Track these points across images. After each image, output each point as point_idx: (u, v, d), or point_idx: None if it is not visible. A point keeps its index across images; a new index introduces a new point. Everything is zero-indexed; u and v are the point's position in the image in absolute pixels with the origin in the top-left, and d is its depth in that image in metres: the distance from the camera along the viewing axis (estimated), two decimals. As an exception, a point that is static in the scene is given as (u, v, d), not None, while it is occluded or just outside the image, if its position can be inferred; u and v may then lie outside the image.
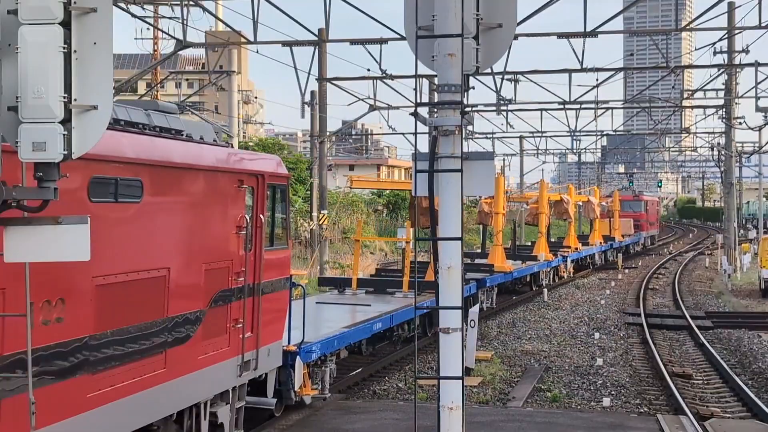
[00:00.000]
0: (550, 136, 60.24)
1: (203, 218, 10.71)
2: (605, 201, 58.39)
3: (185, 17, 24.78)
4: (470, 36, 8.31)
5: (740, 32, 34.59)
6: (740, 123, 47.47)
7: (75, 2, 6.99)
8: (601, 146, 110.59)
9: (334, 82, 35.84)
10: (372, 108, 37.97)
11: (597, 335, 25.39)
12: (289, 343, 13.75)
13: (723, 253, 47.63)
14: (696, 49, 37.14)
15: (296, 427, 14.11)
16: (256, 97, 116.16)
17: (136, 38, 73.33)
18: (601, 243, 50.52)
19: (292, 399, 13.85)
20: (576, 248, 45.53)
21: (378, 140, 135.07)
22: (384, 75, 32.78)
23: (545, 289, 35.54)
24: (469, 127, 9.21)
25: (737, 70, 41.28)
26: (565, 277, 41.94)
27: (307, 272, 34.99)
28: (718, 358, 21.55)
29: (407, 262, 23.82)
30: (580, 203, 52.11)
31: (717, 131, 55.78)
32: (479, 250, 38.53)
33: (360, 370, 18.84)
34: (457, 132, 8.18)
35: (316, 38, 27.44)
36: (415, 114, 8.71)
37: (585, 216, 53.50)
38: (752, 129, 47.58)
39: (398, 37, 24.04)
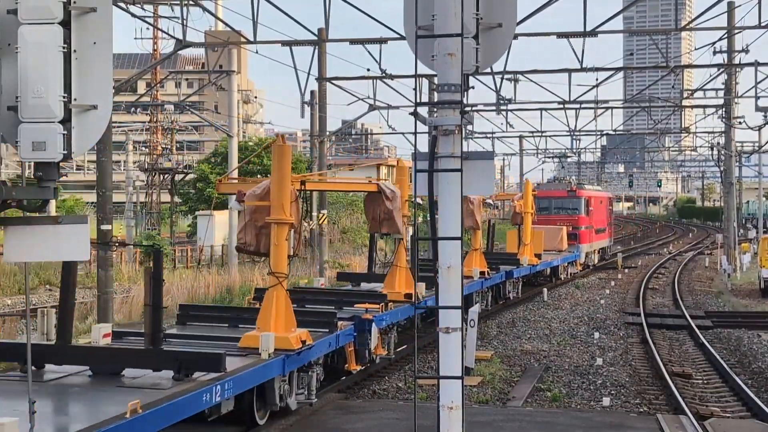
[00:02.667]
0: (549, 136, 60.27)
1: None
2: (513, 198, 38.26)
3: (185, 17, 24.78)
4: (470, 36, 8.32)
5: (740, 32, 34.62)
6: (740, 123, 47.46)
7: (75, 2, 6.99)
8: (601, 146, 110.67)
9: (333, 81, 35.85)
10: (372, 108, 37.98)
11: (597, 335, 25.39)
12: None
13: (723, 252, 47.63)
14: (696, 49, 37.17)
15: (296, 427, 14.10)
16: (255, 97, 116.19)
17: (135, 38, 73.51)
18: (486, 272, 27.85)
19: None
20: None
21: (378, 140, 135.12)
22: (384, 75, 32.79)
23: (545, 289, 35.55)
24: (469, 127, 9.21)
25: (737, 69, 41.26)
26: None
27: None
28: (718, 357, 21.55)
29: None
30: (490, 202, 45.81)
31: (717, 131, 55.76)
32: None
33: (360, 369, 18.83)
34: (456, 132, 8.19)
35: (315, 38, 27.44)
36: (414, 114, 8.71)
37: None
38: (752, 129, 47.60)
39: (398, 36, 24.03)
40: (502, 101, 36.47)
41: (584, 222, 46.17)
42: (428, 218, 8.67)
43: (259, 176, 57.23)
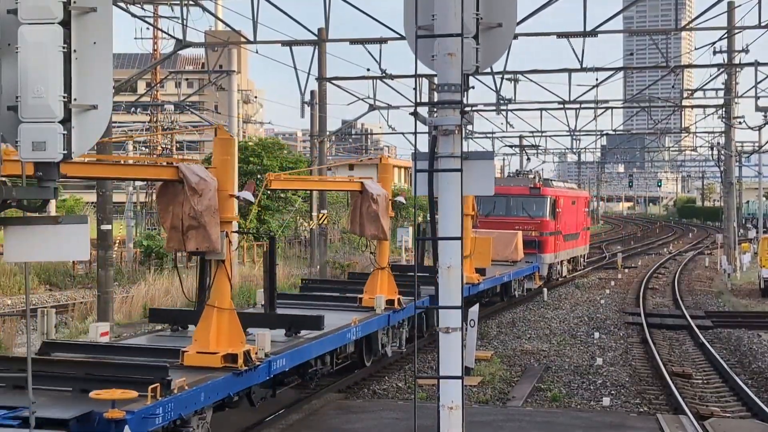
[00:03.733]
0: (549, 136, 60.24)
1: None
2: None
3: (185, 17, 24.77)
4: (470, 35, 8.32)
5: (740, 32, 34.62)
6: (740, 122, 47.47)
7: (75, 2, 6.99)
8: (601, 146, 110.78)
9: (333, 81, 35.84)
10: (372, 108, 37.96)
11: (597, 335, 25.39)
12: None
13: (723, 252, 47.63)
14: (696, 49, 37.15)
15: (296, 426, 14.11)
16: (255, 97, 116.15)
17: (135, 38, 73.52)
18: (397, 301, 19.70)
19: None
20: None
21: (378, 140, 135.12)
22: (384, 75, 32.78)
23: (545, 289, 35.54)
24: (469, 127, 9.22)
25: (737, 69, 41.26)
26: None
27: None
28: (718, 357, 21.55)
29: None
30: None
31: (717, 131, 55.77)
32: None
33: (360, 369, 18.85)
34: (456, 131, 8.19)
35: (315, 38, 27.44)
36: (414, 114, 8.71)
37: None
38: (752, 128, 47.58)
39: (398, 36, 24.03)
40: (502, 101, 36.46)
41: (549, 227, 36.84)
42: (428, 218, 8.67)
43: (259, 176, 57.35)
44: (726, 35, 36.34)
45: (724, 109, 47.23)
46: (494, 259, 30.33)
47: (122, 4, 23.83)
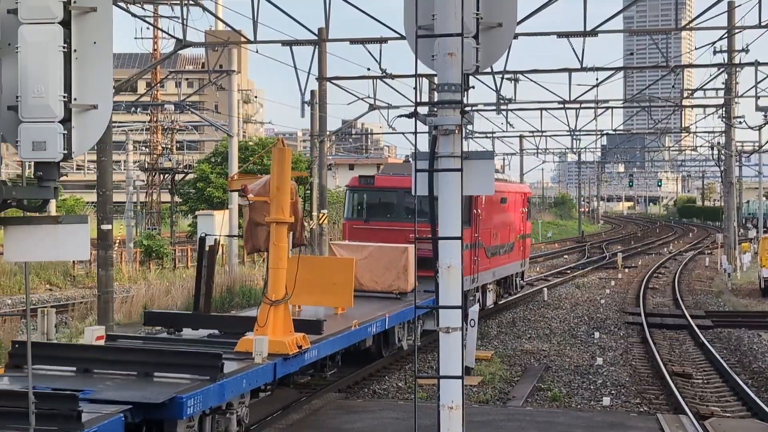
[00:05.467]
0: (550, 136, 60.29)
1: None
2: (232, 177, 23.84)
3: (185, 17, 24.78)
4: (470, 35, 8.32)
5: (740, 31, 34.60)
6: (740, 122, 47.48)
7: (75, 2, 6.99)
8: (601, 145, 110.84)
9: (334, 81, 35.85)
10: (372, 107, 37.97)
11: (597, 334, 25.39)
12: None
13: (723, 252, 47.62)
14: (696, 49, 37.16)
15: (296, 426, 14.12)
16: (256, 97, 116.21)
17: (136, 38, 73.29)
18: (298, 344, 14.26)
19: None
20: None
21: (378, 140, 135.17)
22: (384, 74, 32.79)
23: (545, 288, 35.54)
24: (469, 127, 9.22)
25: (737, 69, 41.28)
26: None
27: None
28: (718, 357, 21.55)
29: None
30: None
31: (717, 130, 55.79)
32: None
33: (360, 369, 18.84)
34: (457, 131, 8.19)
35: (316, 38, 27.44)
36: (414, 113, 8.71)
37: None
38: (752, 128, 47.62)
39: (398, 36, 24.03)
40: (502, 101, 36.48)
41: (464, 236, 18.93)
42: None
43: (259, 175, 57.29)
44: (726, 35, 36.34)
45: (724, 108, 47.25)
46: (371, 290, 20.79)
47: (122, 4, 23.83)
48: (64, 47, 6.87)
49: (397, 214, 23.72)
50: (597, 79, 38.63)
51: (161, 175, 64.20)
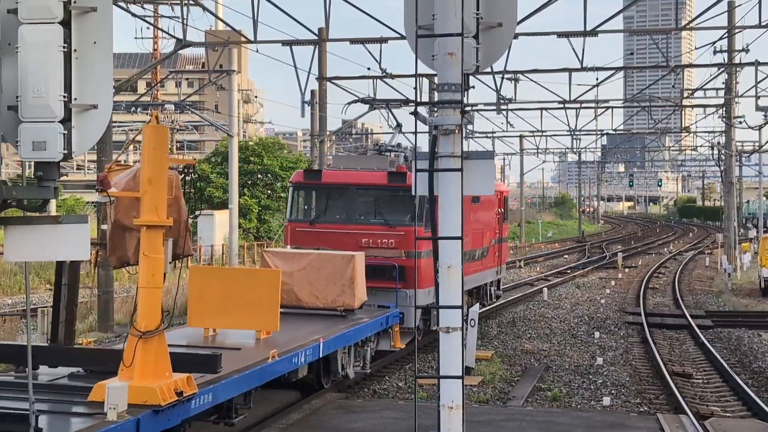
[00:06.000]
0: (550, 136, 60.30)
1: None
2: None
3: (185, 16, 24.79)
4: (470, 35, 8.32)
5: (740, 31, 34.61)
6: (740, 122, 47.50)
7: (75, 1, 6.99)
8: (601, 145, 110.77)
9: (334, 81, 35.85)
10: (372, 107, 37.94)
11: (597, 334, 25.39)
12: None
13: (723, 252, 47.62)
14: (696, 48, 37.16)
15: (296, 426, 14.11)
16: (256, 97, 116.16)
17: (136, 37, 73.48)
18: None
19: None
20: None
21: (378, 140, 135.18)
22: (384, 74, 32.79)
23: (545, 288, 35.54)
24: (469, 127, 9.22)
25: (737, 69, 41.28)
26: None
27: None
28: (718, 357, 21.54)
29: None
30: None
31: (717, 130, 55.81)
32: None
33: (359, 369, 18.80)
34: (457, 131, 8.19)
35: (316, 37, 27.45)
36: (415, 113, 8.72)
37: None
38: (752, 128, 47.63)
39: (398, 36, 24.05)
40: (502, 101, 36.48)
41: (421, 242, 18.34)
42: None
43: (259, 175, 57.38)
44: (726, 35, 36.33)
45: (724, 108, 47.26)
46: (310, 307, 17.61)
47: (122, 4, 23.83)
48: (64, 47, 6.88)
49: (349, 215, 20.61)
50: (597, 79, 38.67)
51: (161, 175, 64.17)
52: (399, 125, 24.27)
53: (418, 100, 10.40)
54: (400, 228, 20.18)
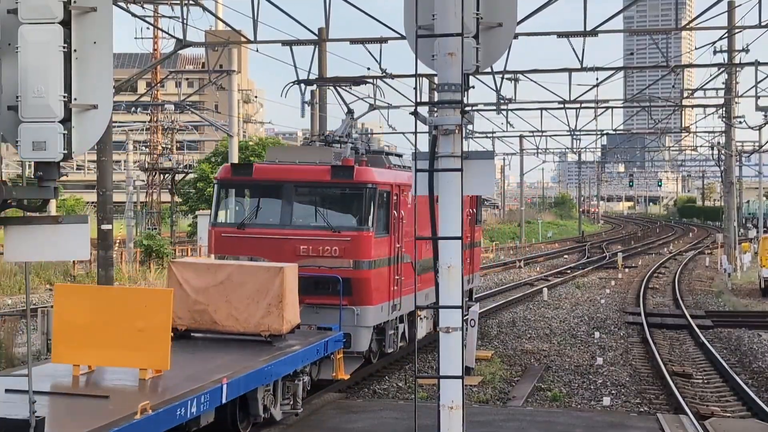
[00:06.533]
0: (550, 136, 60.29)
1: None
2: None
3: (185, 16, 24.77)
4: (470, 35, 8.32)
5: (740, 31, 34.59)
6: (740, 122, 47.50)
7: (75, 1, 6.99)
8: (601, 145, 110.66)
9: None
10: (372, 107, 37.94)
11: (597, 334, 25.39)
12: None
13: (723, 252, 47.62)
14: (696, 48, 37.13)
15: (296, 426, 14.10)
16: (256, 97, 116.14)
17: (136, 37, 73.31)
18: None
19: None
20: None
21: (378, 140, 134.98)
22: (384, 74, 32.77)
23: (545, 288, 35.53)
24: (469, 127, 9.21)
25: (737, 69, 41.28)
26: None
27: None
28: (718, 357, 21.55)
29: None
30: None
31: (717, 130, 55.80)
32: None
33: (359, 369, 18.80)
34: (457, 131, 8.19)
35: (316, 37, 27.43)
36: (415, 113, 8.71)
37: None
38: (752, 128, 47.64)
39: (398, 36, 24.02)
40: (502, 101, 36.46)
41: (372, 248, 17.54)
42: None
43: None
44: (726, 35, 36.32)
45: (724, 108, 47.26)
46: (228, 331, 14.36)
47: (122, 4, 23.83)
48: (64, 47, 6.88)
49: (284, 217, 17.65)
50: (597, 79, 38.72)
51: (161, 175, 64.26)
52: (351, 111, 21.28)
53: (418, 100, 10.38)
54: (346, 233, 17.21)
